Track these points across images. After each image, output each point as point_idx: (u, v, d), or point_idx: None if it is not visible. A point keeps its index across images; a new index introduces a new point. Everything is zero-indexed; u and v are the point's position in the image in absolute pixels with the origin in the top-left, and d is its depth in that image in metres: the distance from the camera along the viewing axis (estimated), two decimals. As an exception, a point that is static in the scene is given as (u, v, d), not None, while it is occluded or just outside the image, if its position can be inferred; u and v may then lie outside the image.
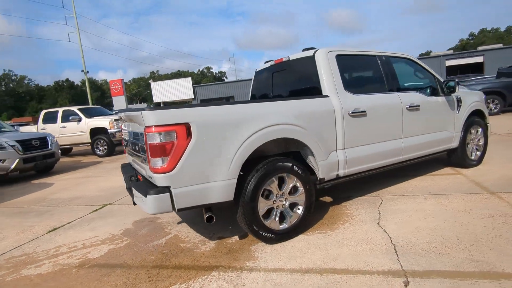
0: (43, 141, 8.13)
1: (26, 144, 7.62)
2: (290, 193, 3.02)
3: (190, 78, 37.31)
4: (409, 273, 2.26)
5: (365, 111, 3.43)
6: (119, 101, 39.73)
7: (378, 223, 3.13)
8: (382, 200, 3.78)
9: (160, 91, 36.91)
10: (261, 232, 2.84)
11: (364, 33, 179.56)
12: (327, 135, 3.19)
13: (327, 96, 3.26)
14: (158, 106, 13.73)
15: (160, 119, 2.42)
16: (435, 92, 4.22)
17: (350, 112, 3.31)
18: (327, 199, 4.05)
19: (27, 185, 7.14)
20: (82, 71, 36.07)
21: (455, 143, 4.49)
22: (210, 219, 2.67)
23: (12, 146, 7.32)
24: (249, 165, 2.78)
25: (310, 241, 2.92)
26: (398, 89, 3.86)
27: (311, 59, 3.43)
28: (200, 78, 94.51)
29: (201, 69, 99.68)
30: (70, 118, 11.58)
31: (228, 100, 37.68)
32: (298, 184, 3.03)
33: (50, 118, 12.22)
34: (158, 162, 2.43)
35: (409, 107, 3.83)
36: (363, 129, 3.46)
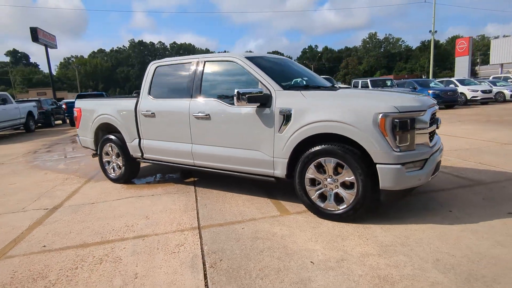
0: None
1: None
2: (117, 155, 4.94)
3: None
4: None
5: (153, 113, 4.23)
6: (461, 62, 36.47)
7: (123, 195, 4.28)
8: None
9: (501, 50, 29.33)
10: (105, 172, 5.18)
11: None
12: (131, 126, 4.56)
13: (136, 98, 4.53)
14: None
15: (76, 105, 5.47)
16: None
17: (142, 112, 4.35)
18: (192, 179, 4.95)
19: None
20: (430, 31, 36.01)
21: (278, 171, 3.34)
22: (94, 155, 5.44)
23: None
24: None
25: (117, 186, 4.83)
26: (198, 95, 3.87)
27: (150, 69, 4.63)
28: None
29: None
30: None
31: None
32: (120, 153, 4.85)
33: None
34: (75, 123, 5.55)
35: (196, 114, 3.79)
36: (153, 127, 4.30)
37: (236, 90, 3.23)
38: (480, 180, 4.11)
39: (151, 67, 4.46)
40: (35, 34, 31.16)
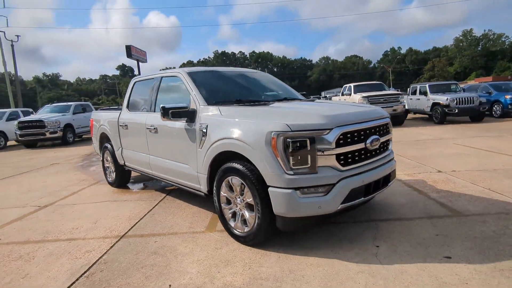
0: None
1: None
2: (111, 162, 5.45)
3: None
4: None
5: (127, 125, 4.57)
6: None
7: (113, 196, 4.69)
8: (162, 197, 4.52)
9: None
10: (105, 176, 5.76)
11: None
12: (115, 136, 5.00)
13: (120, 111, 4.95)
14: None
15: (91, 116, 6.21)
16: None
17: (120, 124, 4.73)
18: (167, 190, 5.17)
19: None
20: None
21: (202, 187, 3.29)
22: (101, 161, 6.10)
23: None
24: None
25: (101, 188, 5.34)
26: (154, 109, 4.06)
27: (134, 84, 5.02)
28: None
29: None
30: None
31: None
32: (112, 160, 5.35)
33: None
34: (90, 132, 6.30)
35: (149, 127, 3.97)
36: (127, 138, 4.64)
37: (161, 106, 3.31)
38: (463, 211, 3.34)
39: (131, 82, 4.84)
40: (129, 51, 35.98)
